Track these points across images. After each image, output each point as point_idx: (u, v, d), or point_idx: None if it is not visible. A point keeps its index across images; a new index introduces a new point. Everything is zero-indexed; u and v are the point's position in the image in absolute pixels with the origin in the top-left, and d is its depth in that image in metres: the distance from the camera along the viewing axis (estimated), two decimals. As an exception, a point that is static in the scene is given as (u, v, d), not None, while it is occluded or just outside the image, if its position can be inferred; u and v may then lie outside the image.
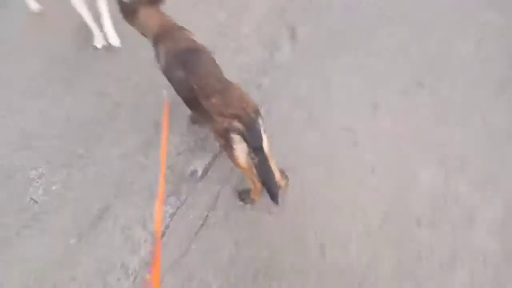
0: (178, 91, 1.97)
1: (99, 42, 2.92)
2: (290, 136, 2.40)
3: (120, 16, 2.15)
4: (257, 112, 1.74)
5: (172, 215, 2.17)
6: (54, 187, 2.35)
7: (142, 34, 2.13)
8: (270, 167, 1.78)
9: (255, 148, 1.72)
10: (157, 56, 2.00)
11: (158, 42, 1.96)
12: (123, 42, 2.94)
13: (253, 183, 1.88)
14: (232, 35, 2.91)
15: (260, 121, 1.74)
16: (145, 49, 2.77)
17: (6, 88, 2.80)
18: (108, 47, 2.93)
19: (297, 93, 2.59)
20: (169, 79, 1.97)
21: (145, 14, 2.04)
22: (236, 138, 1.70)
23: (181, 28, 2.01)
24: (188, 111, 2.43)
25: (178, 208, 2.20)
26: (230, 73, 1.95)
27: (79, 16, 2.80)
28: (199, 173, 2.30)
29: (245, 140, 1.70)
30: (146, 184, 2.29)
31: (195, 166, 2.33)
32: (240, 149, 1.73)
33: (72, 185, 2.35)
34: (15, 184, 2.38)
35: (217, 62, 1.96)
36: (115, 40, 2.93)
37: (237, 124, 1.68)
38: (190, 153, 2.38)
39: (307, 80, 2.63)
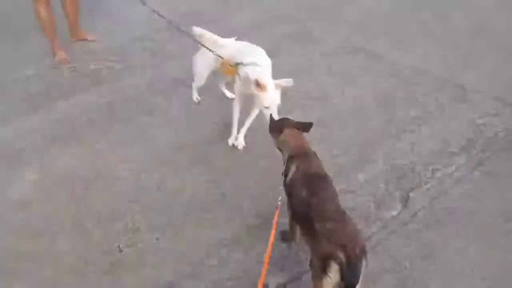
0: (294, 206, 2.14)
1: (231, 141, 3.33)
2: None
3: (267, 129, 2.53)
4: (363, 252, 1.75)
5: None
6: (140, 245, 2.52)
7: (278, 148, 2.47)
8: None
9: (349, 285, 1.69)
10: (286, 171, 2.22)
11: (292, 159, 2.21)
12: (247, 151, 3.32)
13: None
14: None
15: (364, 262, 1.75)
16: (265, 160, 3.12)
17: (145, 150, 3.29)
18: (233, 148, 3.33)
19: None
20: (289, 194, 2.16)
21: (289, 134, 2.40)
22: (334, 268, 1.70)
23: (315, 155, 2.26)
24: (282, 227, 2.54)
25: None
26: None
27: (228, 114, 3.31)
28: (270, 288, 2.26)
29: (342, 273, 1.69)
30: (218, 278, 2.31)
31: (268, 281, 2.30)
32: (332, 280, 1.71)
33: (156, 250, 2.49)
34: (113, 228, 2.62)
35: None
36: (241, 144, 3.32)
37: (341, 254, 1.70)
38: (269, 265, 2.37)
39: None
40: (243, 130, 3.34)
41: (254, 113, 3.25)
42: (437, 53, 4.74)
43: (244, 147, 3.31)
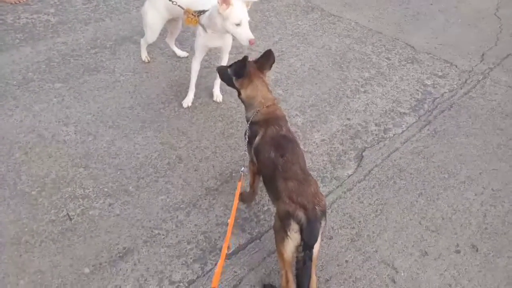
0: (261, 167, 2.09)
1: (186, 103, 3.18)
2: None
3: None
4: (324, 212, 1.76)
5: (190, 282, 2.08)
6: (91, 212, 2.39)
7: (241, 99, 2.29)
8: (311, 270, 1.73)
9: (307, 244, 1.70)
10: (251, 134, 2.14)
11: (260, 124, 2.10)
12: (201, 111, 3.20)
13: (286, 280, 1.80)
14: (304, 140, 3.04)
15: (323, 222, 1.76)
16: (222, 121, 3.03)
17: (91, 112, 3.06)
18: (192, 108, 3.18)
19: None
20: (257, 155, 2.09)
21: (259, 86, 2.19)
22: (294, 227, 1.71)
23: (285, 119, 2.17)
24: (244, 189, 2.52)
25: (198, 277, 2.11)
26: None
27: (179, 75, 3.12)
28: (231, 250, 2.25)
29: (301, 233, 1.69)
30: (177, 241, 2.26)
31: (229, 241, 2.29)
32: (292, 239, 1.72)
33: (109, 216, 2.37)
34: (60, 195, 2.45)
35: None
36: (219, 97, 3.28)
37: (301, 213, 1.70)
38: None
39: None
40: (217, 81, 3.23)
41: (226, 57, 3.11)
42: (390, 14, 4.80)
43: (191, 107, 3.19)
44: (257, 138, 2.10)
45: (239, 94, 2.28)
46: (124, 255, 2.18)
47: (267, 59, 2.25)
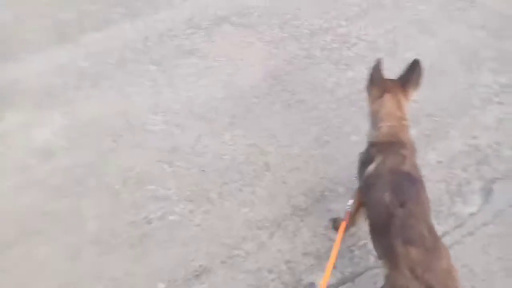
0: (369, 208, 1.71)
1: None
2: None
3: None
4: None
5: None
6: (171, 217, 2.24)
7: (369, 116, 1.88)
8: None
9: None
10: (366, 157, 1.76)
11: (379, 147, 1.71)
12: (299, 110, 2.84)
13: None
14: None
15: None
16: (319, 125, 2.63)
17: (181, 100, 2.90)
18: (285, 106, 2.86)
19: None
20: (365, 190, 1.72)
21: (388, 103, 1.77)
22: None
23: (412, 147, 1.73)
24: (333, 215, 2.17)
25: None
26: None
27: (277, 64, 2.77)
28: (317, 290, 1.94)
29: None
30: (257, 268, 2.01)
31: (316, 279, 1.98)
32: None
33: (189, 225, 2.20)
34: (142, 193, 2.34)
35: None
36: None
37: None
38: (315, 260, 2.04)
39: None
40: None
41: None
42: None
43: (285, 105, 2.84)
44: (372, 166, 1.69)
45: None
46: (200, 275, 2.00)
47: (412, 71, 1.80)
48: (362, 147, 2.39)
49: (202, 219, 2.23)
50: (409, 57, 1.82)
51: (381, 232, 1.55)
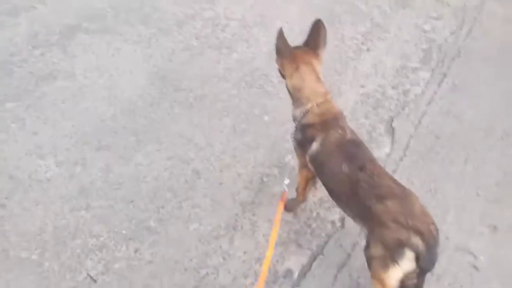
0: (329, 182, 1.74)
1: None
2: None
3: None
4: (437, 232, 1.48)
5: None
6: (117, 265, 1.95)
7: (289, 94, 1.86)
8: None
9: (425, 270, 1.48)
10: (303, 138, 1.76)
11: (314, 127, 1.72)
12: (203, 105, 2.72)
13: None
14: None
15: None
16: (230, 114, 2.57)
17: (66, 133, 2.47)
18: (186, 106, 2.69)
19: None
20: (319, 167, 1.73)
21: (307, 76, 1.77)
22: (409, 255, 1.43)
23: (343, 116, 1.79)
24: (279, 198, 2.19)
25: (270, 316, 1.83)
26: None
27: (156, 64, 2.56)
28: (295, 275, 1.96)
29: (418, 260, 1.43)
30: (232, 279, 1.92)
31: (290, 265, 1.99)
32: (403, 267, 1.45)
33: (140, 266, 1.95)
34: (70, 253, 1.97)
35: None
36: None
37: (417, 240, 1.42)
38: (283, 247, 2.05)
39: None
40: None
41: None
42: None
43: (185, 104, 2.70)
44: (315, 145, 1.73)
45: (286, 83, 1.86)
46: (177, 312, 1.82)
47: (317, 33, 1.81)
48: (277, 125, 2.45)
49: (151, 253, 2.00)
50: (281, 26, 1.82)
51: (350, 198, 1.63)
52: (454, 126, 2.66)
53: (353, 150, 1.68)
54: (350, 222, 2.12)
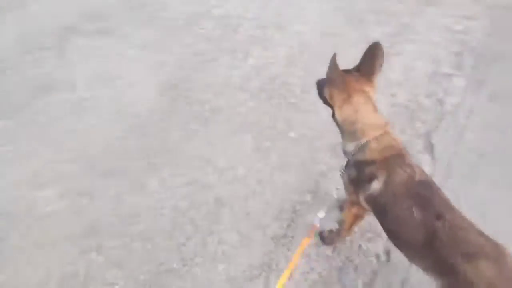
0: (393, 227, 1.49)
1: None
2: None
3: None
4: None
5: None
6: (138, 318, 1.70)
7: (337, 125, 1.60)
8: None
9: None
10: (360, 176, 1.51)
11: (375, 165, 1.47)
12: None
13: None
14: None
15: None
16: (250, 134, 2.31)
17: (68, 157, 2.18)
18: (201, 121, 2.41)
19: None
20: (381, 209, 1.50)
21: (363, 106, 1.51)
22: None
23: (406, 150, 1.53)
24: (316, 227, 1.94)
25: None
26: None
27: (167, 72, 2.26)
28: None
29: None
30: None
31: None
32: None
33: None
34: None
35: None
36: None
37: None
38: (323, 286, 1.82)
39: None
40: None
41: None
42: None
43: (199, 119, 2.41)
44: (376, 185, 1.47)
45: (333, 113, 1.59)
46: None
47: (373, 57, 1.55)
48: (305, 143, 2.18)
49: (176, 302, 1.75)
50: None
51: (423, 249, 1.39)
52: (499, 142, 2.43)
53: (426, 194, 1.43)
54: (396, 255, 1.92)
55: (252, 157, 2.27)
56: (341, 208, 2.01)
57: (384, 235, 1.93)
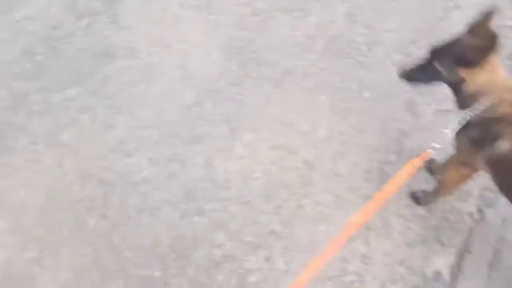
0: None
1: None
2: None
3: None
4: None
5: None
6: (251, 278, 1.76)
7: (456, 96, 1.58)
8: None
9: None
10: (481, 134, 1.51)
11: (503, 123, 1.46)
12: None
13: None
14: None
15: None
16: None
17: (148, 123, 2.15)
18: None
19: None
20: (507, 171, 1.50)
21: (492, 70, 1.47)
22: None
23: None
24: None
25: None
26: None
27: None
28: (446, 276, 1.81)
29: None
30: (379, 281, 1.77)
31: (437, 265, 1.84)
32: None
33: (275, 277, 1.76)
34: (196, 266, 1.76)
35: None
36: None
37: None
38: (424, 246, 1.88)
39: None
40: None
41: None
42: None
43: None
44: (504, 145, 1.48)
45: (456, 89, 1.56)
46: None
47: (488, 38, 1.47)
48: (381, 102, 2.16)
49: (285, 262, 1.80)
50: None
51: None
52: None
53: None
54: (489, 214, 1.98)
55: (331, 119, 2.26)
56: (431, 171, 2.02)
57: (475, 194, 2.02)
